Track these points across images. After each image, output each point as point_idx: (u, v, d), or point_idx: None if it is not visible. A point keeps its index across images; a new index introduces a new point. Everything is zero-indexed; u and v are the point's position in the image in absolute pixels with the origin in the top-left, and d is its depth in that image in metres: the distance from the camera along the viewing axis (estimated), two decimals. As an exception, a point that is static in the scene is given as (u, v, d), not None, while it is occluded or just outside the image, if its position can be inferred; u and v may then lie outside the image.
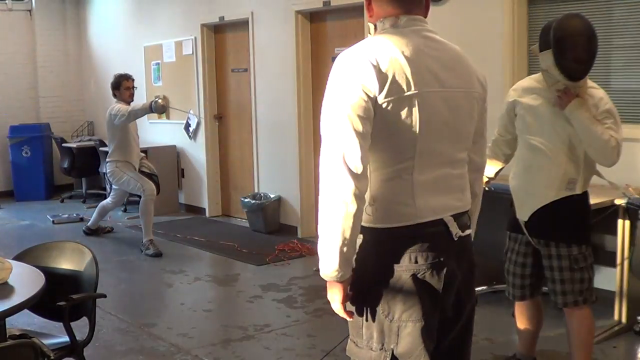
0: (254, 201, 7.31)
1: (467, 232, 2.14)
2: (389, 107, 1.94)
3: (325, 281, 2.04)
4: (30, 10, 10.16)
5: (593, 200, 3.96)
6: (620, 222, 4.13)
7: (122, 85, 6.67)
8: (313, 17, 6.96)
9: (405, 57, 1.97)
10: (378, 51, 1.97)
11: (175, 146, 8.73)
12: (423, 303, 2.00)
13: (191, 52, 8.32)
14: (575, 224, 3.33)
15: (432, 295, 2.02)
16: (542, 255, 3.37)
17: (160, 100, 6.42)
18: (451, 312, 2.12)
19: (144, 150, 8.20)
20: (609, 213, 4.15)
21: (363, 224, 2.00)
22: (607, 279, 4.50)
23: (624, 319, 4.23)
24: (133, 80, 6.79)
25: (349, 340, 2.14)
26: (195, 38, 8.22)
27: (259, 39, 7.43)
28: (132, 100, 6.72)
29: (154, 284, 5.73)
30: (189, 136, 8.50)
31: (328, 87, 2.00)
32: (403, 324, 2.00)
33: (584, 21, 3.22)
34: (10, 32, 9.98)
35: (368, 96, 1.92)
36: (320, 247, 1.98)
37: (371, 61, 1.94)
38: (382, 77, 1.93)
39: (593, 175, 3.38)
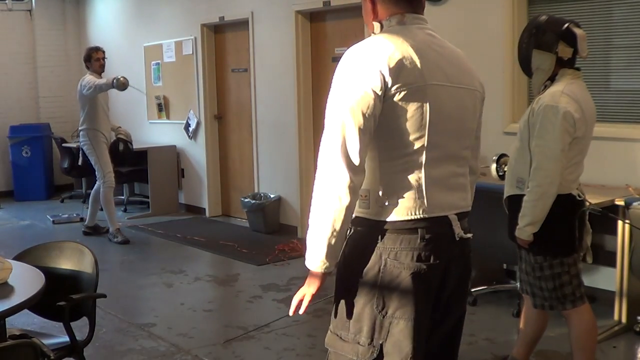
0: (254, 201, 7.31)
1: (468, 235, 2.09)
2: (399, 97, 1.92)
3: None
4: (30, 10, 10.15)
5: (593, 200, 3.96)
6: (620, 222, 4.13)
7: (92, 57, 7.09)
8: (313, 17, 6.95)
9: (415, 49, 1.97)
10: (389, 44, 1.96)
11: (175, 146, 8.73)
12: (418, 302, 1.98)
13: (191, 52, 8.32)
14: None
15: (428, 295, 2.01)
16: None
17: (122, 79, 6.82)
18: (439, 315, 2.09)
19: (144, 151, 8.25)
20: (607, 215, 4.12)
21: (365, 216, 2.01)
22: (607, 279, 4.50)
23: (624, 319, 4.23)
24: (103, 52, 7.19)
25: (329, 332, 2.11)
26: (195, 38, 8.22)
27: (259, 39, 7.42)
28: (103, 71, 7.12)
29: (154, 284, 5.72)
30: (189, 136, 8.50)
31: (335, 80, 1.98)
32: (395, 320, 1.97)
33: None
34: (10, 32, 9.97)
35: (374, 91, 1.91)
36: (309, 237, 2.00)
37: (381, 55, 1.93)
38: (393, 68, 1.91)
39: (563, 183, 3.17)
